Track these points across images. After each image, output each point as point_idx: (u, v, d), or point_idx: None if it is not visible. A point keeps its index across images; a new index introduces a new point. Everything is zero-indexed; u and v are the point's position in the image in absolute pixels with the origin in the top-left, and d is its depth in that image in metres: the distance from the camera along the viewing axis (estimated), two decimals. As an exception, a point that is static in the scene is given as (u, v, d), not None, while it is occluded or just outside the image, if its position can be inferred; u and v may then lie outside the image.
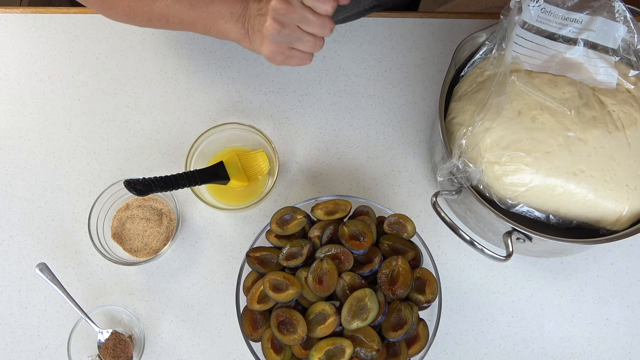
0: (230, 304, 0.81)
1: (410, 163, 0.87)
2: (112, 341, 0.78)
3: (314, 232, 0.73)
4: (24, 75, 0.92)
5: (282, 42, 0.64)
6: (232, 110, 0.90)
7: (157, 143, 0.88)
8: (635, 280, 0.81)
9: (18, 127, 0.89)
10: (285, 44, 0.65)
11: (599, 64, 0.74)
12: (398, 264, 0.68)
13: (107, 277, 0.83)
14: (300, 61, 0.67)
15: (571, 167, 0.68)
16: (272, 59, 0.66)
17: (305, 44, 0.65)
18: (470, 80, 0.76)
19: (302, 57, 0.67)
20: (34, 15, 0.95)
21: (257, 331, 0.70)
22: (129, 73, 0.92)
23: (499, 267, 0.82)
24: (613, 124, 0.70)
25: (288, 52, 0.65)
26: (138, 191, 0.72)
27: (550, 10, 0.76)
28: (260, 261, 0.72)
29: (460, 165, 0.69)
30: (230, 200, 0.84)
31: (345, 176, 0.86)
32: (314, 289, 0.67)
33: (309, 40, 0.64)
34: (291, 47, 0.65)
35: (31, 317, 0.81)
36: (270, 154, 0.83)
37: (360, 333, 0.66)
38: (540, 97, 0.70)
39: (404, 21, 0.94)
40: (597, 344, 0.79)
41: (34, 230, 0.85)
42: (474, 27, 0.92)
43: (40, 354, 0.80)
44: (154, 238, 0.82)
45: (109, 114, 0.90)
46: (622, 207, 0.69)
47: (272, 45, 0.64)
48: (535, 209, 0.71)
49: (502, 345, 0.79)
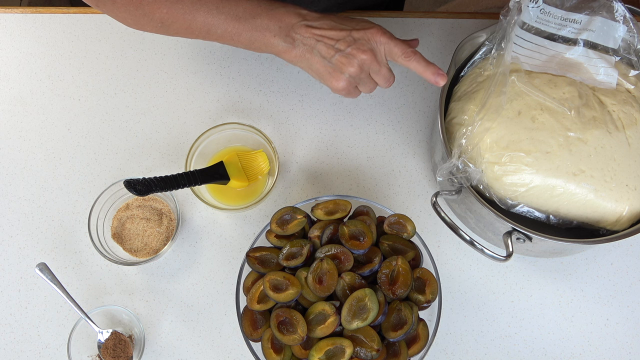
0: (230, 304, 0.81)
1: (410, 163, 0.87)
2: (112, 341, 0.78)
3: (314, 232, 0.73)
4: (24, 75, 0.92)
5: (353, 82, 0.70)
6: (232, 110, 0.90)
7: (157, 143, 0.88)
8: (635, 280, 0.81)
9: (18, 127, 0.89)
10: (354, 84, 0.71)
11: (599, 64, 0.74)
12: (398, 264, 0.68)
13: (107, 277, 0.83)
14: (351, 96, 0.73)
15: (571, 167, 0.68)
16: (338, 91, 0.71)
17: (366, 87, 0.72)
18: (470, 80, 0.76)
19: (355, 94, 0.73)
20: (34, 15, 0.95)
21: (257, 331, 0.70)
22: (129, 73, 0.92)
23: (499, 267, 0.82)
24: (613, 124, 0.70)
25: (353, 90, 0.72)
26: (138, 191, 0.72)
27: (549, 11, 0.76)
28: (260, 261, 0.72)
29: (460, 165, 0.69)
30: (230, 200, 0.84)
31: (345, 176, 0.86)
32: (314, 289, 0.67)
33: (371, 87, 0.72)
34: (356, 87, 0.72)
35: (31, 317, 0.81)
36: (270, 154, 0.83)
37: (360, 333, 0.66)
38: (540, 97, 0.70)
39: (404, 21, 0.94)
40: (597, 344, 0.79)
41: (34, 230, 0.85)
42: (473, 27, 0.92)
43: (40, 354, 0.80)
44: (154, 238, 0.82)
45: (108, 114, 0.90)
46: (622, 207, 0.69)
47: (345, 83, 0.70)
48: (535, 209, 0.71)
49: (502, 345, 0.79)
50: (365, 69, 0.69)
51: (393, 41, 0.68)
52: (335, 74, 0.69)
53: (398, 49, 0.68)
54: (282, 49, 0.69)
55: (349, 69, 0.68)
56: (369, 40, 0.68)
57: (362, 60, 0.68)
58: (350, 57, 0.68)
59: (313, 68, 0.70)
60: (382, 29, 0.68)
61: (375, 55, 0.68)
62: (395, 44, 0.68)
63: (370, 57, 0.68)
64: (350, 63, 0.68)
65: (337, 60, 0.68)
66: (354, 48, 0.67)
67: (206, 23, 0.69)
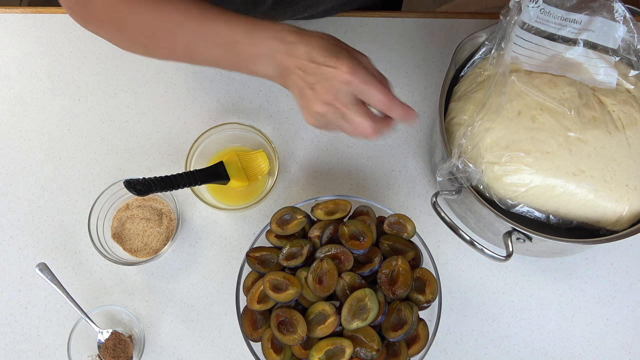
0: (230, 304, 0.81)
1: (410, 163, 0.87)
2: (112, 341, 0.78)
3: (314, 232, 0.73)
4: (24, 75, 0.92)
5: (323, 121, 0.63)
6: (232, 110, 0.90)
7: (157, 143, 0.88)
8: (635, 280, 0.81)
9: (18, 127, 0.89)
10: (326, 123, 0.63)
11: (598, 64, 0.74)
12: (398, 264, 0.68)
13: (107, 277, 0.83)
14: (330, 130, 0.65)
15: (571, 167, 0.68)
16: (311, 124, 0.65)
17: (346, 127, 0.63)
18: (470, 80, 0.76)
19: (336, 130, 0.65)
20: (34, 15, 0.95)
21: (257, 331, 0.70)
22: (129, 73, 0.92)
23: (499, 267, 0.82)
24: (613, 124, 0.70)
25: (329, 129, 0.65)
26: (138, 191, 0.72)
27: (549, 11, 0.76)
28: (260, 261, 0.72)
29: (460, 165, 0.69)
30: (230, 200, 0.84)
31: (345, 176, 0.86)
32: (314, 289, 0.67)
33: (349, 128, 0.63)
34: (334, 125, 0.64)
35: (31, 317, 0.81)
36: (270, 154, 0.83)
37: (360, 333, 0.66)
38: (540, 97, 0.70)
39: (404, 21, 0.94)
40: (597, 344, 0.79)
41: (34, 230, 0.85)
42: (473, 27, 0.92)
43: (40, 354, 0.80)
44: (154, 238, 0.82)
45: (108, 114, 0.90)
46: (622, 207, 0.69)
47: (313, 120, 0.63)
48: (535, 209, 0.71)
49: (502, 345, 0.79)
50: (330, 113, 0.61)
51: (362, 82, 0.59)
52: (304, 108, 0.63)
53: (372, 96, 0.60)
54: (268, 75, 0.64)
55: (313, 108, 0.61)
56: (330, 84, 0.59)
57: (322, 104, 0.60)
58: (315, 97, 0.61)
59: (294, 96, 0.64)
60: (349, 70, 0.59)
61: (337, 99, 0.60)
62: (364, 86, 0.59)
63: (330, 101, 0.60)
64: (315, 102, 0.61)
65: (306, 94, 0.61)
66: (319, 88, 0.60)
67: (187, 49, 0.65)
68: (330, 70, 0.59)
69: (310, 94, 0.61)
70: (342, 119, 0.62)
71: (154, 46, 0.67)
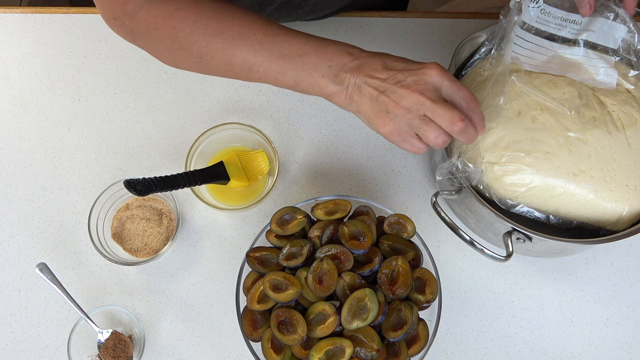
0: (230, 304, 0.81)
1: (410, 163, 0.87)
2: (112, 341, 0.78)
3: (314, 232, 0.73)
4: (24, 75, 0.92)
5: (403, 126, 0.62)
6: (232, 110, 0.90)
7: (157, 143, 0.88)
8: (635, 280, 0.81)
9: (18, 127, 0.89)
10: (406, 129, 0.63)
11: (599, 64, 0.74)
12: (398, 264, 0.68)
13: (107, 277, 0.83)
14: (410, 147, 0.64)
15: (571, 168, 0.68)
16: (388, 136, 0.64)
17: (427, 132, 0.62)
18: (469, 80, 0.76)
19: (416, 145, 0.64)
20: (34, 15, 0.95)
21: (257, 331, 0.70)
22: (129, 73, 0.92)
23: (499, 267, 0.82)
24: (613, 124, 0.70)
25: (408, 137, 0.63)
26: (138, 191, 0.72)
27: (549, 11, 0.76)
28: (260, 261, 0.72)
29: (459, 165, 0.69)
30: (230, 200, 0.84)
31: (345, 176, 0.86)
32: (314, 289, 0.67)
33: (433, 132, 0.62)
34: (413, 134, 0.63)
35: (31, 317, 0.81)
36: (270, 154, 0.83)
37: (360, 333, 0.66)
38: (540, 98, 0.70)
39: (404, 21, 0.94)
40: (597, 344, 0.79)
41: (34, 230, 0.85)
42: (473, 27, 0.92)
43: (40, 354, 0.80)
44: (154, 238, 0.82)
45: (108, 114, 0.90)
46: (622, 208, 0.69)
47: (392, 126, 0.62)
48: (535, 209, 0.71)
49: (502, 345, 0.79)
50: (414, 111, 0.60)
51: (450, 80, 0.60)
52: (380, 115, 0.62)
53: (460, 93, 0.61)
54: (330, 90, 0.63)
55: (394, 109, 0.60)
56: (419, 79, 0.60)
57: (408, 100, 0.60)
58: (397, 96, 0.60)
59: (361, 110, 0.63)
60: (438, 67, 0.61)
61: (424, 94, 0.60)
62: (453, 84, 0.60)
63: (416, 96, 0.60)
64: (396, 103, 0.60)
65: (382, 100, 0.61)
66: (401, 86, 0.60)
67: (248, 60, 0.63)
68: (418, 70, 0.61)
69: (386, 100, 0.61)
70: (425, 118, 0.61)
71: (211, 56, 0.64)
